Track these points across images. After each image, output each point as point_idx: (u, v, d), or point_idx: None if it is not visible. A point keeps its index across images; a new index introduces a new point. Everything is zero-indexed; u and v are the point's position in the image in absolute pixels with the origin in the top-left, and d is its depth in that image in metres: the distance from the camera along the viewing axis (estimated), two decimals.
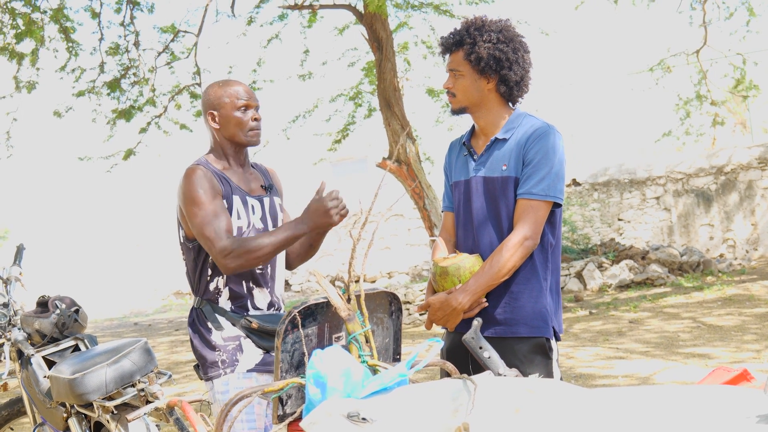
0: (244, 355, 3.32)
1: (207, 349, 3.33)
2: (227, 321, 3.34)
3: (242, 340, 3.33)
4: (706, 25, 15.89)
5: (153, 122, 13.94)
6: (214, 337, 3.32)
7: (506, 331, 3.19)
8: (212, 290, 3.36)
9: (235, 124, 3.42)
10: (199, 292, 3.41)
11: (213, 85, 3.53)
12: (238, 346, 3.32)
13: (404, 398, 1.93)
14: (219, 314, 3.35)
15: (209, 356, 3.32)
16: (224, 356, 3.30)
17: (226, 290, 3.36)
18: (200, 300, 3.40)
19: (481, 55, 3.20)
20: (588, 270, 14.74)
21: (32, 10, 12.13)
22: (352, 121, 15.17)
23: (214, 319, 3.34)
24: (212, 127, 3.45)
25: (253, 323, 3.31)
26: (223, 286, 3.35)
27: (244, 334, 3.34)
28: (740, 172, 17.21)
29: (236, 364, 3.30)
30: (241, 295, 3.37)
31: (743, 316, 10.07)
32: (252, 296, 3.40)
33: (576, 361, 8.27)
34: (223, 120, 3.42)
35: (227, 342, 3.31)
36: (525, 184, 3.18)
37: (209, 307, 3.37)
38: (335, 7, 12.53)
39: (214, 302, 3.37)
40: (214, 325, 3.34)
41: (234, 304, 3.37)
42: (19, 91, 12.93)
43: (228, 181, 3.38)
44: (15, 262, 4.92)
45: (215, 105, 3.44)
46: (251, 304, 3.39)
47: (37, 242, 21.16)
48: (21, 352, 4.44)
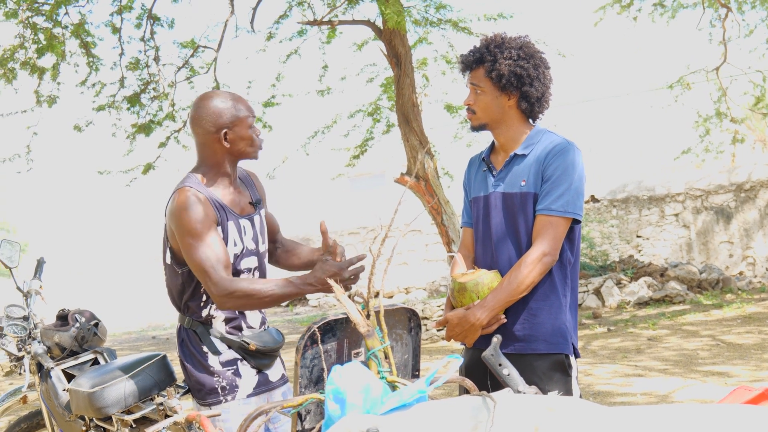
0: (243, 379, 3.28)
1: (204, 375, 3.27)
2: (223, 344, 3.29)
3: (239, 364, 3.29)
4: (725, 43, 15.86)
5: (172, 137, 13.99)
6: (211, 362, 3.26)
7: (525, 347, 3.18)
8: (205, 315, 3.29)
9: (249, 143, 3.32)
10: (188, 313, 3.32)
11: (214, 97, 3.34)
12: (236, 371, 3.28)
13: (423, 415, 1.93)
14: (214, 337, 3.29)
15: (207, 382, 3.26)
16: (224, 382, 3.25)
17: (222, 314, 3.29)
18: (190, 320, 3.32)
19: (502, 71, 3.20)
20: (606, 287, 14.69)
21: (54, 26, 12.22)
22: (371, 136, 15.18)
23: (209, 343, 3.28)
24: (219, 146, 3.29)
25: (250, 345, 3.27)
26: (215, 311, 3.29)
27: (240, 357, 3.30)
28: (760, 189, 17.13)
29: (236, 390, 3.26)
30: (235, 316, 3.32)
31: (763, 335, 10.00)
32: (245, 316, 3.35)
33: (594, 378, 8.24)
34: (236, 138, 3.28)
35: (225, 367, 3.26)
36: (544, 200, 3.17)
37: (203, 329, 3.30)
38: (354, 23, 12.56)
39: (208, 324, 3.31)
40: (210, 349, 3.27)
41: (228, 325, 3.31)
42: (40, 106, 13.00)
43: (222, 206, 3.27)
44: (35, 276, 4.94)
45: (229, 123, 3.27)
46: (245, 324, 3.35)
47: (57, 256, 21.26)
48: (41, 365, 4.46)
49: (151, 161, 13.91)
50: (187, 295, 3.30)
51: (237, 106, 3.31)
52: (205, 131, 3.29)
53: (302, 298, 21.73)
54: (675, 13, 15.97)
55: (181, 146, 14.20)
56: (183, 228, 3.14)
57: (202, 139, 3.31)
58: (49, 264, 5.27)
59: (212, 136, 3.28)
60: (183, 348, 3.35)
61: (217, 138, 3.28)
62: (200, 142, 3.32)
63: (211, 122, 3.28)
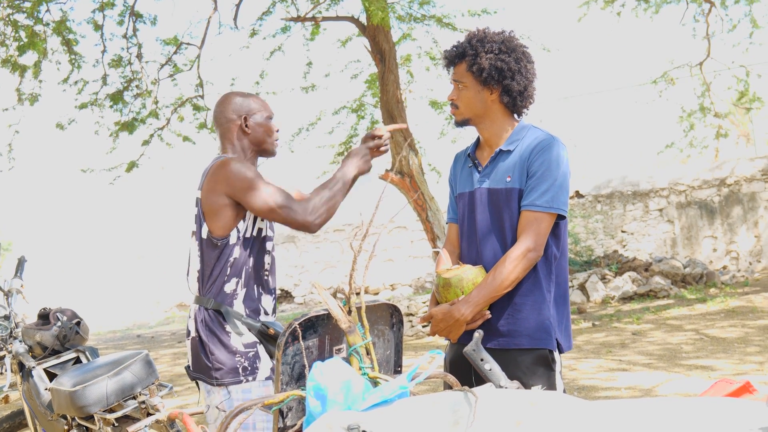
0: (262, 362, 3.32)
1: (226, 354, 3.28)
2: (244, 326, 3.32)
3: (258, 347, 3.32)
4: (709, 38, 15.92)
5: (156, 134, 13.95)
6: (234, 342, 3.29)
7: (509, 342, 3.18)
8: (229, 292, 3.33)
9: (266, 131, 3.51)
10: (212, 293, 3.35)
11: (237, 93, 3.57)
12: (257, 353, 3.31)
13: (405, 411, 1.92)
14: (236, 318, 3.32)
15: (228, 362, 3.27)
16: (245, 363, 3.28)
17: (243, 292, 3.34)
18: (214, 301, 3.34)
19: (483, 66, 3.20)
20: (591, 282, 14.73)
21: (35, 23, 12.16)
22: (355, 133, 15.18)
23: (233, 324, 3.30)
24: (242, 131, 3.48)
25: (270, 329, 3.32)
26: (240, 288, 3.34)
27: (259, 341, 3.33)
28: (743, 184, 17.20)
29: (257, 371, 3.30)
30: (254, 299, 3.38)
31: (746, 328, 10.04)
32: (261, 301, 3.41)
33: (579, 373, 8.25)
34: (256, 125, 3.48)
35: (248, 348, 3.30)
36: (529, 195, 3.17)
37: (227, 309, 3.32)
38: (338, 19, 12.55)
39: (230, 305, 3.34)
40: (235, 330, 3.30)
41: (248, 308, 3.36)
42: (22, 104, 12.95)
43: None
44: (16, 275, 4.92)
45: (248, 110, 3.49)
46: (263, 310, 3.41)
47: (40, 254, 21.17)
48: (22, 365, 4.44)
49: (134, 159, 13.87)
50: (218, 271, 3.34)
51: (257, 100, 3.56)
52: (227, 120, 3.50)
53: (288, 295, 21.70)
54: (658, 9, 16.01)
55: (164, 144, 14.16)
56: (240, 183, 3.29)
57: (225, 129, 3.51)
58: (33, 263, 5.24)
59: (234, 123, 3.49)
60: (205, 328, 3.34)
61: (239, 125, 3.49)
62: (224, 133, 3.52)
63: (233, 110, 3.50)
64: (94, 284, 22.89)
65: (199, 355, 3.33)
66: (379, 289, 19.81)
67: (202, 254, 3.36)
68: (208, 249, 3.35)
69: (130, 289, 23.20)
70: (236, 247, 3.33)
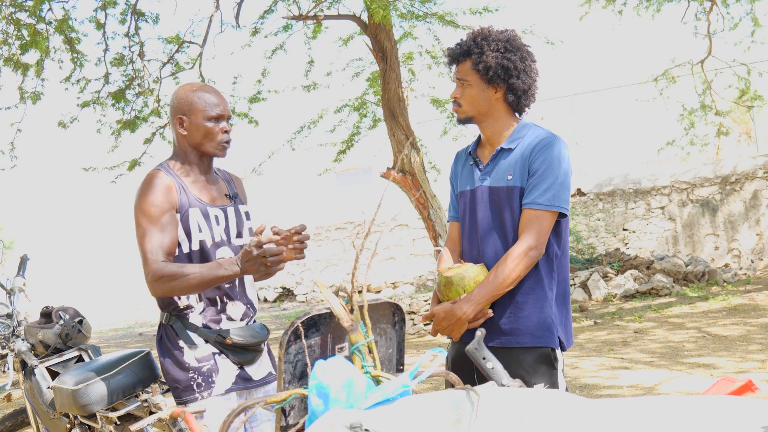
0: (220, 374, 3.25)
1: (179, 371, 3.23)
2: (200, 337, 3.25)
3: (217, 358, 3.25)
4: (710, 36, 15.90)
5: (158, 133, 13.95)
6: (186, 358, 3.23)
7: (511, 341, 3.18)
8: (182, 307, 3.26)
9: (204, 134, 3.31)
10: (168, 309, 3.30)
11: (185, 87, 3.38)
12: (213, 365, 3.24)
13: (407, 409, 1.92)
14: (190, 331, 3.25)
15: (182, 379, 3.23)
16: (199, 378, 3.22)
17: (200, 305, 3.26)
18: (169, 316, 3.29)
19: (489, 64, 3.20)
20: (593, 280, 14.72)
21: (37, 21, 12.16)
22: (357, 131, 15.16)
23: (186, 337, 3.25)
24: (178, 132, 3.33)
25: (227, 339, 3.24)
26: (196, 302, 3.26)
27: (218, 351, 3.26)
28: (745, 182, 17.18)
29: (213, 386, 3.22)
30: (216, 310, 3.29)
31: (748, 326, 10.04)
32: (226, 309, 3.31)
33: (581, 371, 8.25)
34: (192, 127, 3.30)
35: (201, 363, 3.23)
36: (530, 194, 3.17)
37: (180, 323, 3.26)
38: (340, 17, 12.54)
39: (185, 318, 3.27)
40: (187, 344, 3.24)
41: (207, 318, 3.27)
42: (24, 102, 12.95)
43: (186, 191, 3.26)
44: (19, 273, 4.92)
45: (185, 110, 3.31)
46: (226, 317, 3.31)
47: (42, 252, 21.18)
48: (24, 363, 4.44)
49: (136, 157, 13.87)
50: None
51: (202, 96, 3.33)
52: (171, 117, 3.37)
53: (290, 293, 21.70)
54: (660, 7, 15.99)
55: (166, 142, 14.15)
56: (137, 205, 3.19)
57: (171, 126, 3.37)
58: (35, 261, 5.24)
59: (173, 121, 3.35)
60: (161, 345, 3.32)
61: (176, 123, 3.33)
62: (171, 129, 3.39)
63: (173, 107, 3.35)
64: (96, 283, 22.90)
65: (163, 372, 3.31)
66: (381, 287, 19.80)
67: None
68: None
69: (132, 287, 23.19)
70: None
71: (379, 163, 21.21)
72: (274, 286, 21.57)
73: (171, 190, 3.21)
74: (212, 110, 3.31)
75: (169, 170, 3.28)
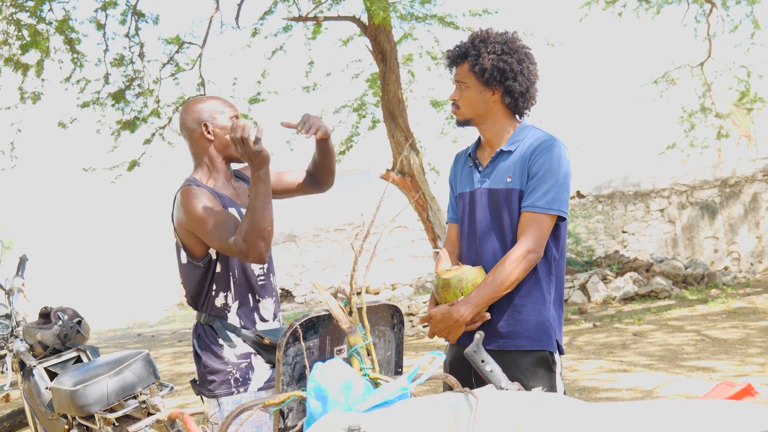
0: (256, 373, 3.30)
1: (218, 366, 3.28)
2: (238, 338, 3.31)
3: (253, 358, 3.30)
4: (710, 38, 15.92)
5: (157, 133, 13.95)
6: (226, 354, 3.28)
7: (509, 344, 3.17)
8: (219, 306, 3.32)
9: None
10: (205, 309, 3.35)
11: (195, 100, 3.47)
12: (250, 364, 3.29)
13: (405, 412, 1.92)
14: (230, 331, 3.31)
15: (220, 373, 3.27)
16: (237, 374, 3.27)
17: (235, 304, 3.32)
18: (207, 316, 3.34)
19: (485, 66, 3.20)
20: (592, 282, 14.72)
21: (37, 22, 12.16)
22: (356, 132, 15.17)
23: (225, 336, 3.30)
24: (206, 139, 3.38)
25: (264, 339, 3.29)
26: (231, 301, 3.32)
27: (255, 351, 3.31)
28: (745, 185, 17.20)
29: (249, 383, 3.28)
30: (250, 308, 3.35)
31: (748, 329, 10.03)
32: (259, 308, 3.37)
33: (579, 373, 8.25)
34: (218, 130, 3.37)
35: (240, 360, 3.28)
36: (529, 196, 3.16)
37: (219, 323, 3.32)
38: (339, 18, 12.55)
39: (223, 318, 3.32)
40: (227, 342, 3.30)
41: (243, 319, 3.34)
42: (24, 102, 12.95)
43: (220, 196, 3.33)
44: (18, 273, 4.92)
45: (206, 117, 3.37)
46: (259, 317, 3.37)
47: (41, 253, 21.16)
48: (23, 364, 4.44)
49: (136, 158, 13.86)
50: (205, 288, 3.32)
51: (216, 103, 3.43)
52: (190, 131, 3.41)
53: (289, 295, 21.69)
54: (660, 9, 16.00)
55: (166, 143, 14.17)
56: (193, 219, 3.20)
57: (190, 140, 3.43)
58: (34, 261, 5.24)
59: (196, 133, 3.39)
60: (199, 342, 3.36)
61: (201, 133, 3.38)
62: (189, 144, 3.45)
63: (193, 120, 3.40)
64: (95, 283, 22.89)
65: (198, 367, 3.35)
66: (380, 288, 19.81)
67: (187, 277, 3.35)
68: (191, 271, 3.33)
69: (131, 288, 23.20)
70: (217, 263, 3.30)
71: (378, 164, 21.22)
72: None
73: (209, 194, 3.28)
74: (232, 111, 3.43)
75: (197, 183, 3.34)
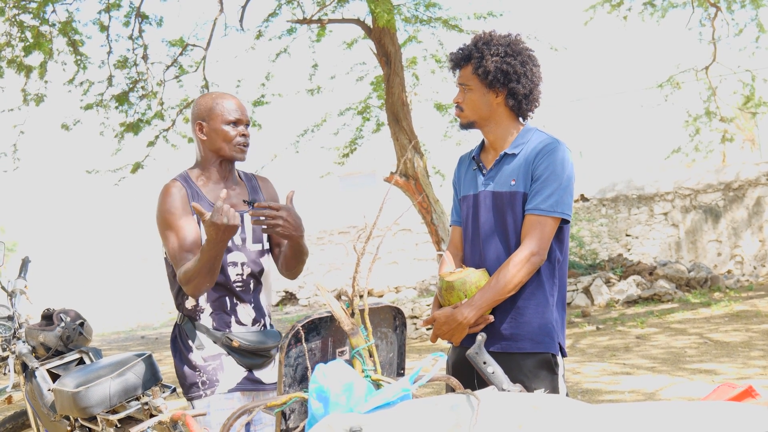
0: (225, 373, 3.30)
1: (187, 369, 3.32)
2: (208, 339, 3.32)
3: (223, 358, 3.31)
4: (715, 42, 15.90)
5: (161, 136, 13.96)
6: (194, 357, 3.31)
7: (511, 346, 3.17)
8: (190, 308, 3.34)
9: (222, 138, 3.37)
10: (181, 309, 3.39)
11: (205, 96, 3.48)
12: (219, 365, 3.30)
13: (407, 413, 1.92)
14: (200, 332, 3.33)
15: (189, 377, 3.31)
16: (204, 377, 3.28)
17: (208, 306, 3.33)
18: (182, 316, 3.39)
19: (488, 68, 3.20)
20: (595, 285, 14.71)
21: (41, 23, 12.17)
22: (360, 135, 15.17)
23: (194, 337, 3.32)
24: (199, 138, 3.40)
25: (233, 341, 3.30)
26: (204, 302, 3.33)
27: (226, 352, 3.32)
28: (748, 189, 17.18)
29: (216, 384, 3.29)
30: (226, 312, 3.35)
31: (750, 333, 10.03)
32: (236, 312, 3.37)
33: (582, 376, 8.24)
34: (211, 132, 3.38)
35: (207, 362, 3.30)
36: (533, 199, 3.16)
37: (190, 324, 3.35)
38: (344, 21, 12.55)
39: (195, 319, 3.35)
40: (195, 344, 3.32)
41: (216, 321, 3.34)
42: (27, 104, 12.96)
43: (201, 197, 3.34)
44: (20, 275, 4.92)
45: (204, 116, 3.39)
46: (235, 320, 3.37)
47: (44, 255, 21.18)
48: (25, 365, 4.43)
49: (139, 160, 13.87)
50: (176, 287, 3.36)
51: (221, 102, 3.41)
52: (191, 125, 3.45)
53: (292, 297, 21.71)
54: (665, 13, 16.00)
55: (170, 145, 14.17)
56: (159, 220, 3.28)
57: (192, 134, 3.46)
58: (36, 263, 5.24)
59: (193, 128, 3.44)
60: (173, 344, 3.41)
61: (196, 129, 3.41)
62: (193, 137, 3.47)
63: (193, 115, 3.44)
64: (98, 285, 22.91)
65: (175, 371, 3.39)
66: (383, 291, 19.80)
67: (167, 274, 3.39)
68: (168, 268, 3.37)
69: (134, 290, 23.21)
70: None
71: (382, 167, 21.22)
72: (276, 290, 21.59)
73: (185, 198, 3.29)
74: (230, 114, 3.39)
75: (186, 179, 3.37)
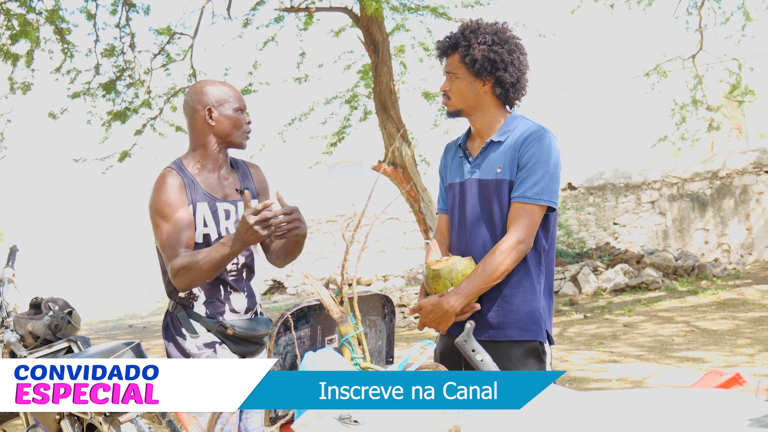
0: None
1: (181, 358, 3.29)
2: (202, 327, 3.32)
3: (218, 347, 3.32)
4: (702, 30, 15.91)
5: (148, 124, 13.90)
6: (188, 345, 3.31)
7: (499, 334, 3.18)
8: (184, 296, 3.34)
9: (233, 124, 3.38)
10: (173, 296, 3.38)
11: (206, 81, 3.48)
12: (213, 353, 3.30)
13: None
14: (194, 320, 3.33)
15: None
16: None
17: (203, 294, 3.33)
18: (174, 304, 3.38)
19: (475, 57, 3.19)
20: (583, 274, 14.75)
21: (27, 11, 12.11)
22: (348, 124, 15.14)
23: (188, 326, 3.32)
24: (206, 123, 3.37)
25: (228, 329, 3.30)
26: (199, 291, 3.33)
27: (220, 340, 3.32)
28: (735, 177, 17.24)
29: None
30: (219, 300, 3.35)
31: (737, 321, 10.07)
32: (229, 301, 3.37)
33: (570, 364, 8.27)
34: (221, 118, 3.37)
35: (201, 350, 3.30)
36: (519, 187, 3.16)
37: (184, 312, 3.34)
38: (331, 9, 12.53)
39: (189, 307, 3.34)
40: (189, 332, 3.31)
41: (210, 308, 3.34)
42: (14, 93, 12.90)
43: (197, 186, 3.33)
44: (8, 264, 4.90)
45: (214, 101, 3.37)
46: (229, 308, 3.37)
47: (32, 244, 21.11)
48: (14, 354, 4.42)
49: (127, 149, 13.81)
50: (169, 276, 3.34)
51: (226, 89, 3.44)
52: (192, 110, 3.40)
53: (280, 286, 21.70)
54: (651, 1, 16.00)
55: (157, 134, 14.13)
56: (152, 208, 3.27)
57: (191, 120, 3.42)
58: (24, 252, 5.22)
59: (198, 114, 3.39)
60: (166, 331, 3.39)
61: (203, 116, 3.38)
62: (189, 123, 3.44)
63: (198, 101, 3.40)
64: (86, 274, 22.86)
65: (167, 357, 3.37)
66: (372, 280, 19.81)
67: (160, 263, 3.37)
68: (159, 256, 3.37)
69: (122, 279, 23.16)
70: None
71: (370, 156, 21.20)
72: (264, 279, 21.58)
73: (181, 187, 3.29)
74: (238, 102, 3.43)
75: (181, 167, 3.36)
